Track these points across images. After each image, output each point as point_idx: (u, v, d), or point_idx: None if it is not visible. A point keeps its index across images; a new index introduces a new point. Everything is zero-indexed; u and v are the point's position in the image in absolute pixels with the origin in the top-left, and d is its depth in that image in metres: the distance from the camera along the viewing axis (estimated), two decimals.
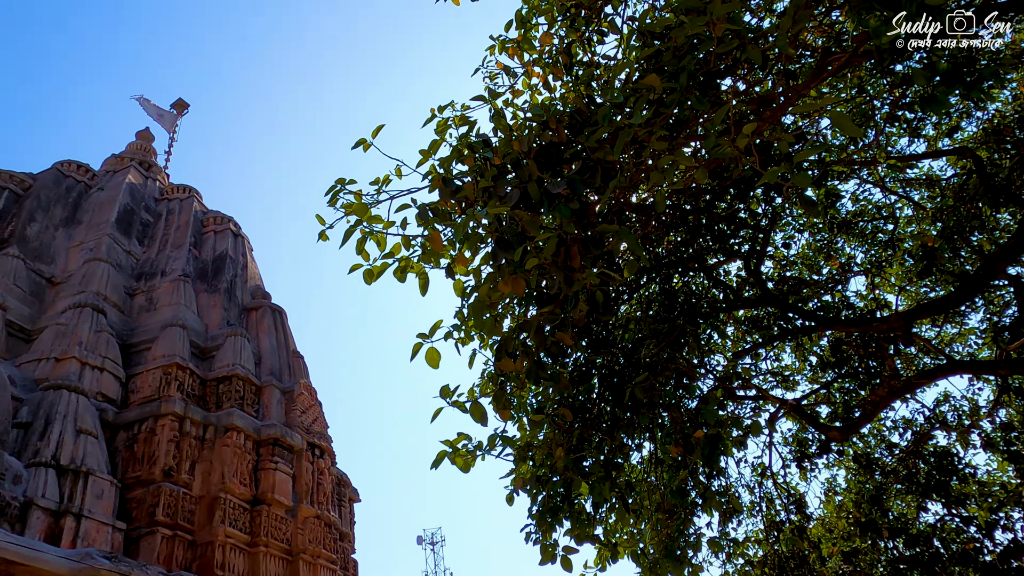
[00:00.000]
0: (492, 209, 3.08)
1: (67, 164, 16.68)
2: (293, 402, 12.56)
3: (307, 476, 11.83)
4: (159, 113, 23.53)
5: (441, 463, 3.87)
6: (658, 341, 5.16)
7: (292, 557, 10.92)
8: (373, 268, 3.87)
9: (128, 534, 9.69)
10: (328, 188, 3.89)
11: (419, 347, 3.66)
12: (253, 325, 14.25)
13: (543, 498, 4.58)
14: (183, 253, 15.01)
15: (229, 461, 10.76)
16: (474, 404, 3.89)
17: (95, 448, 9.94)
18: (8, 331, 11.95)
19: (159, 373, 11.55)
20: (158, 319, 13.13)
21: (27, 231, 14.33)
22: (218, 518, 10.17)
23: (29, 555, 7.07)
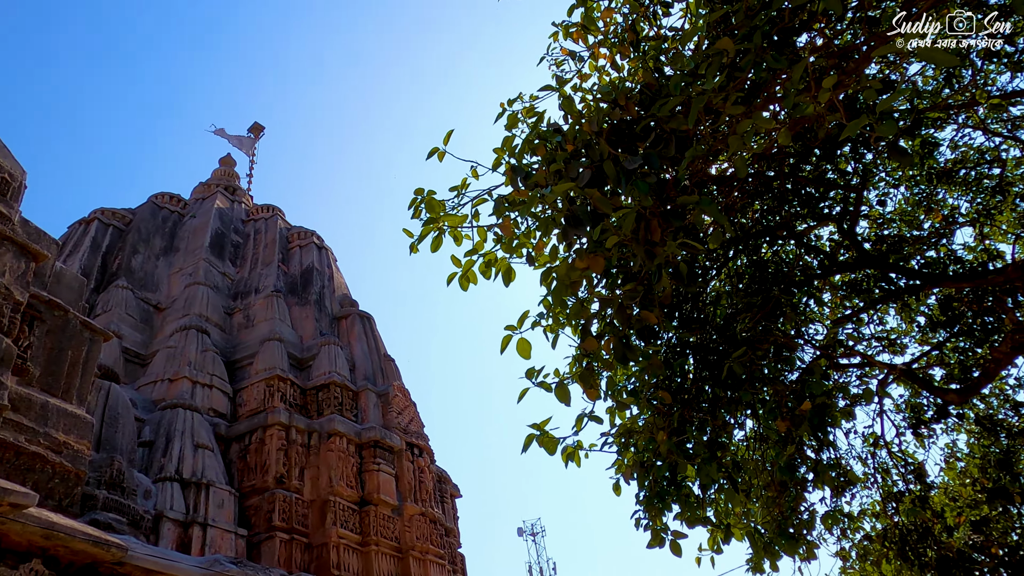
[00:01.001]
0: (558, 188, 3.04)
1: (161, 196, 17.72)
2: (389, 404, 12.92)
3: (409, 475, 12.15)
4: (238, 139, 24.64)
5: (530, 446, 3.88)
6: (753, 314, 4.98)
7: (402, 554, 11.25)
8: (470, 274, 3.91)
9: (249, 540, 10.23)
10: (410, 201, 3.95)
11: (508, 339, 3.67)
12: (344, 333, 14.74)
13: (649, 483, 4.52)
14: (273, 270, 15.67)
15: (335, 465, 11.19)
16: (559, 384, 3.87)
17: (212, 461, 10.55)
18: (125, 357, 12.83)
19: (262, 386, 12.13)
20: (256, 335, 13.78)
21: (132, 263, 15.32)
22: (330, 520, 10.60)
23: (167, 564, 7.58)
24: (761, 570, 5.61)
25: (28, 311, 7.88)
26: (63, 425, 7.82)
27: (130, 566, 7.27)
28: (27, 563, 6.41)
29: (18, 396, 7.39)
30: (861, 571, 7.93)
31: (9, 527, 6.15)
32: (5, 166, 7.75)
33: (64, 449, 7.70)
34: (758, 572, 5.87)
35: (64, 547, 6.63)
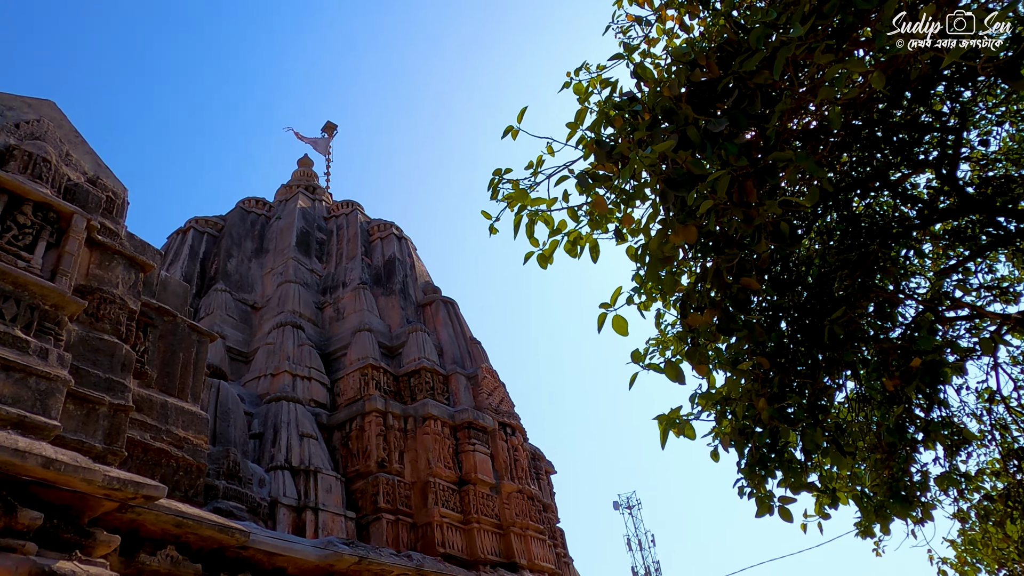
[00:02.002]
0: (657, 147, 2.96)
1: (248, 201, 18.55)
2: (478, 386, 13.17)
3: (503, 454, 12.38)
4: (313, 140, 25.42)
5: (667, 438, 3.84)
6: (849, 271, 4.78)
7: (503, 531, 11.50)
8: (545, 252, 3.92)
9: (358, 522, 10.71)
10: (488, 183, 3.99)
11: (603, 317, 3.65)
12: (429, 319, 15.08)
13: (750, 451, 4.44)
14: (357, 263, 16.18)
15: (432, 447, 11.53)
16: (669, 364, 3.84)
17: (318, 449, 11.07)
18: (229, 356, 13.59)
19: (357, 375, 12.60)
20: (347, 326, 14.30)
21: (227, 266, 16.15)
22: (431, 500, 10.95)
23: (285, 547, 8.05)
24: (871, 534, 5.43)
25: (141, 318, 8.45)
26: (182, 422, 8.38)
27: (253, 549, 7.76)
28: (163, 549, 6.94)
29: (140, 397, 7.96)
30: (982, 532, 7.55)
31: (145, 517, 6.67)
32: (109, 185, 8.29)
33: (185, 444, 8.26)
34: (868, 536, 5.68)
35: (194, 534, 7.14)
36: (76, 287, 7.15)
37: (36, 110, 8.08)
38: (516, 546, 11.32)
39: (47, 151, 7.35)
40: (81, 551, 5.71)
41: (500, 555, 11.13)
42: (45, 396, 6.14)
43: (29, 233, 6.79)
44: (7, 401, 5.85)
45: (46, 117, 8.09)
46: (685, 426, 4.06)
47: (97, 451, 6.63)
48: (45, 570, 5.16)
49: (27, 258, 6.62)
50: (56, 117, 8.27)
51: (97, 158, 8.49)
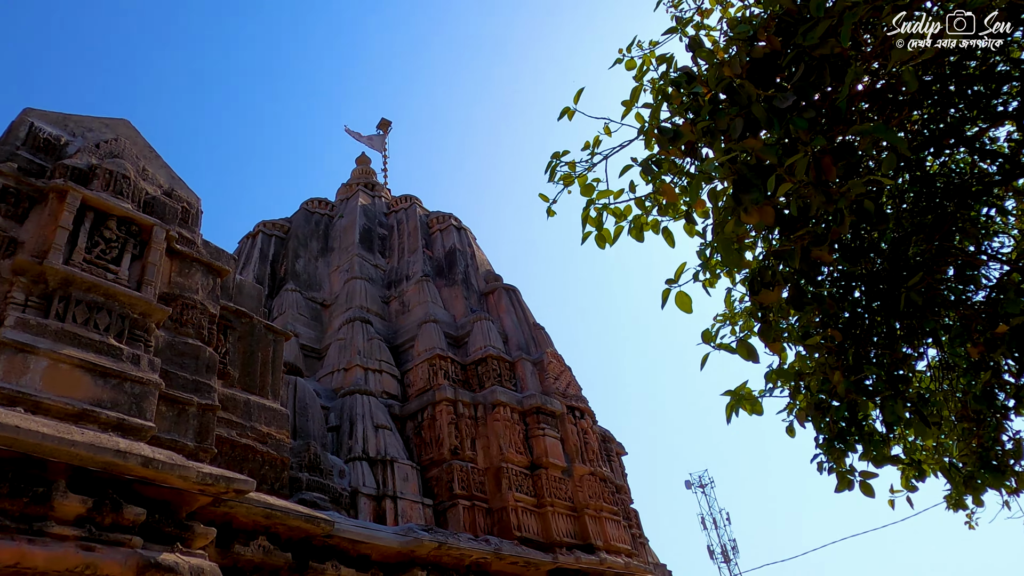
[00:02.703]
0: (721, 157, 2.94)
1: (311, 202, 19.08)
2: (544, 371, 13.24)
3: (573, 437, 12.44)
4: (369, 138, 25.86)
5: (732, 414, 3.81)
6: (927, 234, 4.60)
7: (577, 513, 11.58)
8: (604, 232, 3.92)
9: (435, 508, 10.98)
10: (546, 165, 4.01)
11: (667, 293, 3.64)
12: (492, 307, 15.23)
13: (827, 425, 4.35)
14: (419, 256, 16.45)
15: (502, 433, 11.69)
16: (741, 343, 3.79)
17: (392, 439, 11.38)
18: (303, 353, 14.07)
19: (426, 366, 12.86)
20: (413, 319, 14.59)
21: (296, 267, 16.69)
22: (505, 485, 11.12)
23: (368, 534, 8.34)
24: (963, 506, 5.25)
25: (221, 321, 8.85)
26: (264, 418, 8.76)
27: (338, 538, 8.07)
28: (255, 540, 7.30)
29: (225, 397, 8.36)
30: None
31: (237, 510, 7.03)
32: (183, 196, 8.68)
33: (269, 439, 8.63)
34: (959, 509, 5.49)
35: (282, 524, 7.48)
36: (160, 295, 7.54)
37: (113, 129, 8.52)
38: (591, 528, 11.39)
39: (126, 168, 7.75)
40: (182, 543, 6.07)
41: (576, 537, 11.23)
42: (140, 399, 6.53)
43: (115, 247, 7.19)
44: (106, 405, 6.24)
45: (122, 135, 8.52)
46: (753, 402, 4.01)
47: (189, 449, 7.00)
48: (151, 562, 5.52)
49: (115, 270, 7.02)
50: (131, 135, 8.70)
51: (171, 171, 8.89)
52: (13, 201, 6.82)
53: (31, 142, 7.55)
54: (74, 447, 5.34)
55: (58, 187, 6.96)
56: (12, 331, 5.97)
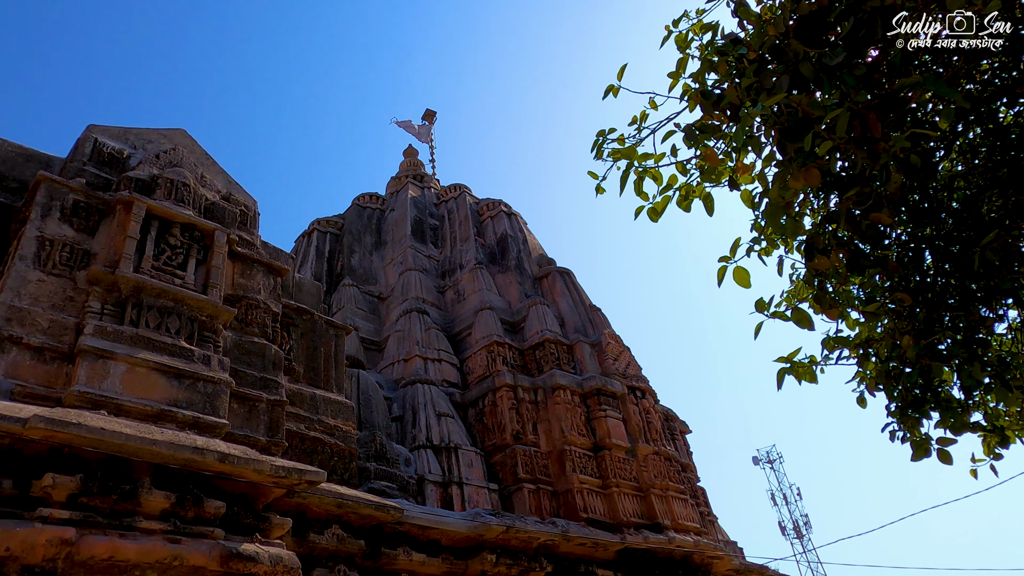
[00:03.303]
0: (765, 102, 2.85)
1: (362, 197, 19.39)
2: (603, 352, 13.18)
3: (636, 418, 12.36)
4: (415, 129, 26.09)
5: (783, 381, 3.72)
6: (1001, 190, 4.36)
7: (643, 493, 11.53)
8: (655, 205, 3.86)
9: (500, 493, 11.10)
10: (592, 144, 3.96)
11: (723, 270, 3.57)
12: (547, 291, 15.21)
13: (900, 392, 4.20)
14: (471, 244, 16.55)
15: (563, 416, 11.71)
16: (795, 310, 3.69)
17: (455, 426, 11.54)
18: (363, 346, 14.37)
19: (484, 353, 12.97)
20: (468, 307, 14.71)
21: (351, 262, 17.02)
22: (569, 468, 11.15)
23: (437, 520, 8.50)
24: None
25: (283, 319, 9.10)
26: (330, 411, 8.99)
27: (408, 524, 8.25)
28: (329, 528, 7.53)
29: (292, 392, 8.61)
30: None
31: (309, 500, 7.25)
32: (240, 200, 8.94)
33: (336, 431, 8.87)
34: None
35: (354, 513, 7.69)
36: (225, 297, 7.81)
37: (170, 139, 8.83)
38: (658, 507, 11.33)
39: (185, 176, 8.02)
40: (260, 534, 6.31)
41: (643, 517, 11.18)
42: (212, 398, 6.79)
43: (180, 253, 7.47)
44: (182, 405, 6.52)
45: (179, 144, 8.82)
46: (806, 371, 3.90)
47: (261, 444, 7.26)
48: (233, 552, 5.75)
49: (181, 275, 7.30)
50: (188, 143, 9.00)
51: (228, 176, 9.17)
52: (84, 215, 7.15)
53: (96, 157, 7.89)
54: (155, 446, 5.60)
55: (124, 199, 7.26)
56: (92, 338, 6.28)
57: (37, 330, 6.21)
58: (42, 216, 6.84)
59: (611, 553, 10.43)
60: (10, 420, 5.06)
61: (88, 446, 5.36)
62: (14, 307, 6.18)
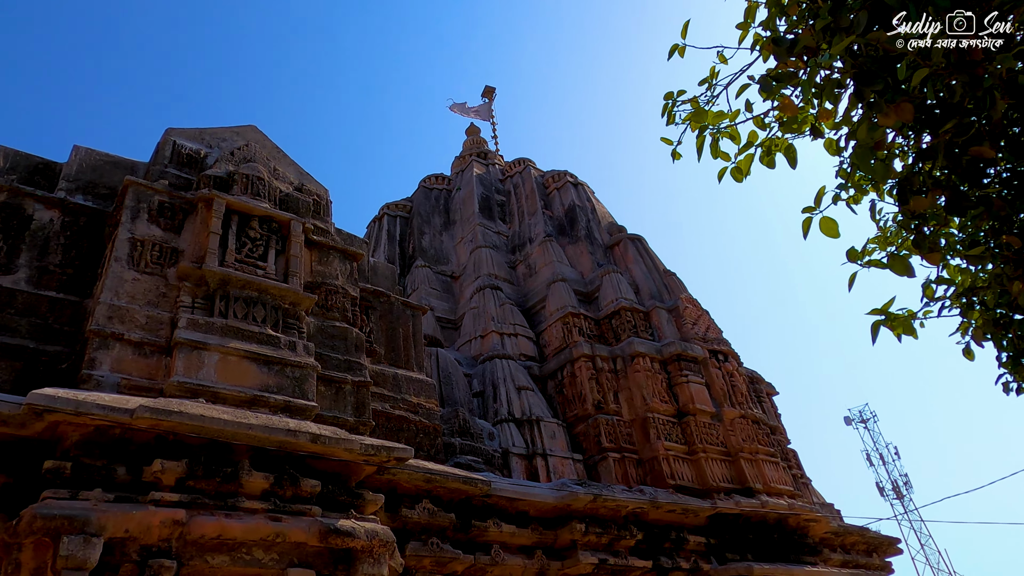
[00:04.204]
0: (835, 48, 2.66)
1: (429, 178, 19.57)
2: (681, 317, 12.92)
3: (719, 382, 12.09)
4: (475, 108, 26.03)
5: (878, 334, 3.51)
6: None
7: (731, 458, 11.31)
8: (739, 164, 3.70)
9: (585, 463, 11.11)
10: (662, 109, 3.81)
11: (809, 221, 3.39)
12: (619, 259, 15.00)
13: (1010, 341, 3.91)
14: (539, 218, 16.47)
15: (644, 384, 11.57)
16: (892, 257, 3.47)
17: (535, 399, 11.60)
18: (440, 326, 14.59)
19: (559, 325, 12.93)
20: (540, 280, 14.68)
21: (422, 243, 17.24)
22: (653, 435, 11.04)
23: (524, 491, 8.60)
24: None
25: (361, 303, 9.32)
26: (412, 389, 9.18)
27: (496, 497, 8.37)
28: (420, 503, 7.73)
29: (375, 372, 8.84)
30: None
31: (399, 476, 7.45)
32: (313, 190, 9.15)
33: (419, 409, 9.06)
34: None
35: (442, 487, 7.86)
36: (305, 284, 8.04)
37: (242, 136, 9.11)
38: (748, 471, 11.09)
39: (259, 170, 8.27)
40: (355, 510, 6.53)
41: (732, 482, 10.98)
42: (300, 382, 7.04)
43: (260, 244, 7.72)
44: (272, 390, 6.79)
45: (251, 140, 9.08)
46: (903, 323, 3.66)
47: (350, 424, 7.49)
48: (331, 528, 5.98)
49: (263, 266, 7.55)
50: (259, 138, 9.26)
51: (299, 168, 9.40)
52: (169, 214, 7.48)
53: (176, 159, 8.23)
54: (251, 429, 5.86)
55: (204, 196, 7.55)
56: (186, 331, 6.60)
57: (136, 326, 6.58)
58: (132, 218, 7.20)
59: (702, 519, 10.30)
60: (119, 411, 5.38)
61: (191, 432, 5.66)
62: (114, 306, 6.55)
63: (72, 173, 7.97)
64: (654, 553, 9.66)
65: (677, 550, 9.94)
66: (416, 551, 7.45)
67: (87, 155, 8.23)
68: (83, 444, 5.48)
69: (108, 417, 5.35)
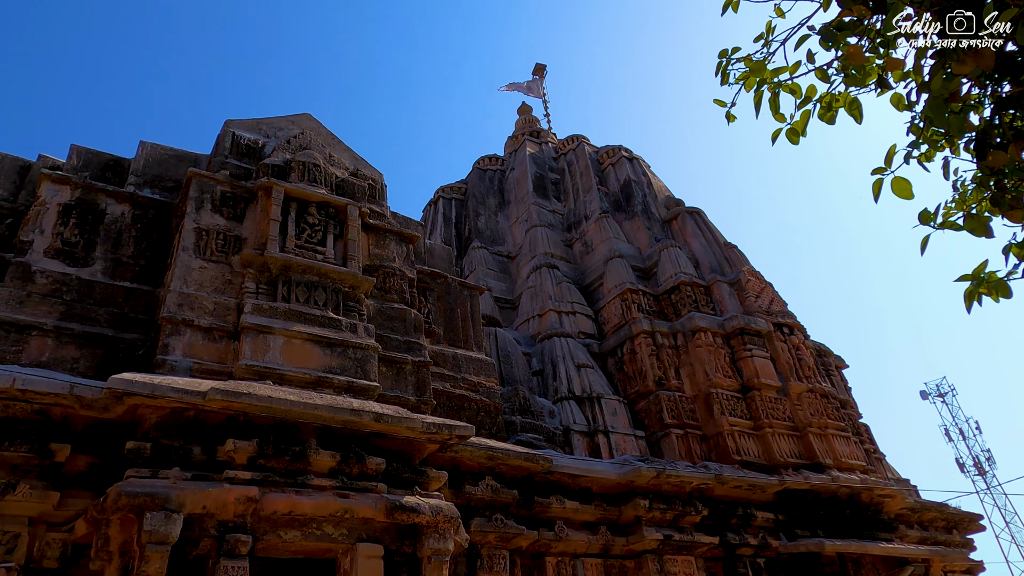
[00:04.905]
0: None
1: (482, 160, 19.58)
2: (743, 290, 12.60)
3: (785, 355, 11.77)
4: (526, 87, 25.83)
5: (972, 301, 3.29)
6: None
7: (799, 432, 11.01)
8: (795, 124, 3.54)
9: (648, 439, 11.01)
10: (715, 68, 3.67)
11: (879, 183, 3.21)
12: (678, 233, 14.71)
13: None
14: (594, 194, 16.27)
15: (706, 359, 11.36)
16: (969, 217, 3.26)
17: (595, 376, 11.54)
18: (498, 306, 14.64)
19: (618, 302, 12.80)
20: (597, 257, 14.54)
21: (478, 224, 17.30)
22: (717, 410, 10.84)
23: (586, 468, 8.59)
24: None
25: (419, 284, 9.42)
26: (472, 369, 9.25)
27: (557, 474, 8.39)
28: (483, 480, 7.81)
29: (434, 353, 8.93)
30: None
31: (461, 454, 7.54)
32: (368, 174, 9.27)
33: (480, 388, 9.13)
34: None
35: (504, 464, 7.92)
36: (363, 267, 8.17)
37: (298, 124, 9.28)
38: (817, 446, 10.79)
39: (315, 157, 8.41)
40: (419, 487, 6.64)
41: (801, 457, 10.70)
42: (362, 363, 7.17)
43: (318, 230, 7.88)
44: (336, 371, 6.94)
45: (307, 128, 9.25)
46: (998, 286, 3.43)
47: (411, 403, 7.60)
48: (396, 504, 6.11)
49: (322, 251, 7.71)
50: (314, 126, 9.42)
51: (354, 153, 9.52)
52: (231, 204, 7.70)
53: (235, 150, 8.44)
54: (317, 409, 6.01)
55: (263, 184, 7.74)
56: (251, 316, 6.81)
57: (204, 312, 6.82)
58: (196, 209, 7.44)
59: (769, 495, 10.09)
60: (192, 394, 5.60)
61: (260, 413, 5.84)
62: (183, 293, 6.80)
63: (140, 168, 8.28)
64: (720, 529, 9.53)
65: (744, 526, 9.78)
66: (481, 527, 7.54)
67: (153, 150, 8.54)
68: (161, 425, 5.73)
69: (182, 399, 5.57)
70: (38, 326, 6.49)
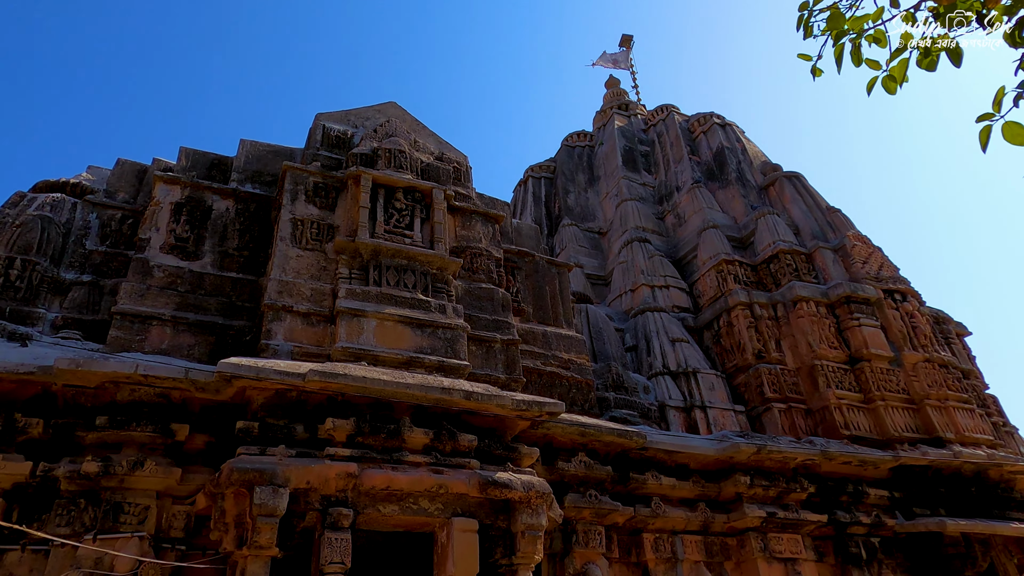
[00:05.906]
0: None
1: (571, 137, 19.39)
2: (848, 256, 11.89)
3: (897, 323, 11.03)
4: (612, 59, 25.28)
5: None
6: None
7: (915, 405, 10.33)
8: (892, 71, 3.28)
9: (748, 414, 10.66)
10: (797, 22, 3.45)
11: (987, 131, 2.93)
12: (775, 200, 14.04)
13: None
14: (685, 164, 15.78)
15: (809, 330, 10.83)
16: None
17: (691, 351, 11.26)
18: (589, 282, 14.54)
19: (713, 274, 12.40)
20: (690, 228, 14.12)
21: (568, 202, 17.19)
22: (822, 383, 10.33)
23: (682, 444, 8.43)
24: None
25: (506, 263, 9.49)
26: (563, 346, 9.25)
27: (652, 450, 8.28)
28: (575, 456, 7.82)
29: (523, 331, 9.00)
30: None
31: (553, 431, 7.58)
32: (452, 158, 9.39)
33: (571, 365, 9.12)
34: None
35: (597, 440, 7.89)
36: (450, 249, 8.32)
37: (384, 113, 9.51)
38: (936, 419, 10.08)
39: (400, 144, 8.61)
40: (512, 463, 6.74)
41: (918, 431, 10.04)
42: (452, 342, 7.33)
43: (406, 215, 8.08)
44: (426, 351, 7.13)
45: (392, 116, 9.47)
46: None
47: (501, 381, 7.70)
48: (489, 480, 6.23)
49: (409, 235, 7.91)
50: (399, 114, 9.63)
51: (438, 138, 9.68)
52: (323, 194, 8.02)
53: (326, 141, 8.77)
54: (409, 388, 6.21)
55: (352, 173, 8.01)
56: (345, 300, 7.09)
57: (302, 298, 7.16)
58: (291, 200, 7.80)
59: (883, 471, 9.55)
60: (293, 376, 5.92)
61: (356, 393, 6.10)
62: (283, 281, 7.18)
63: (240, 165, 8.76)
64: (829, 507, 9.12)
65: (855, 504, 9.31)
66: (575, 503, 7.57)
67: (252, 147, 9.01)
68: (266, 406, 6.09)
69: (284, 381, 5.90)
70: (157, 316, 7.04)
